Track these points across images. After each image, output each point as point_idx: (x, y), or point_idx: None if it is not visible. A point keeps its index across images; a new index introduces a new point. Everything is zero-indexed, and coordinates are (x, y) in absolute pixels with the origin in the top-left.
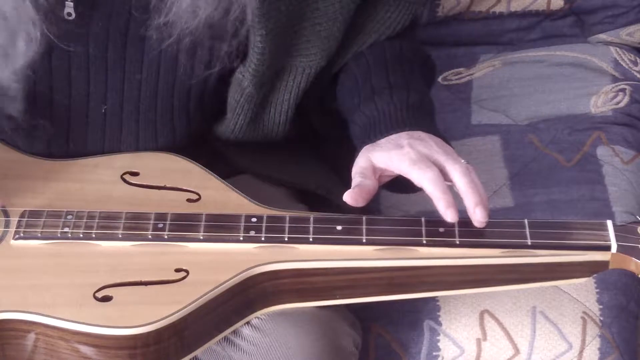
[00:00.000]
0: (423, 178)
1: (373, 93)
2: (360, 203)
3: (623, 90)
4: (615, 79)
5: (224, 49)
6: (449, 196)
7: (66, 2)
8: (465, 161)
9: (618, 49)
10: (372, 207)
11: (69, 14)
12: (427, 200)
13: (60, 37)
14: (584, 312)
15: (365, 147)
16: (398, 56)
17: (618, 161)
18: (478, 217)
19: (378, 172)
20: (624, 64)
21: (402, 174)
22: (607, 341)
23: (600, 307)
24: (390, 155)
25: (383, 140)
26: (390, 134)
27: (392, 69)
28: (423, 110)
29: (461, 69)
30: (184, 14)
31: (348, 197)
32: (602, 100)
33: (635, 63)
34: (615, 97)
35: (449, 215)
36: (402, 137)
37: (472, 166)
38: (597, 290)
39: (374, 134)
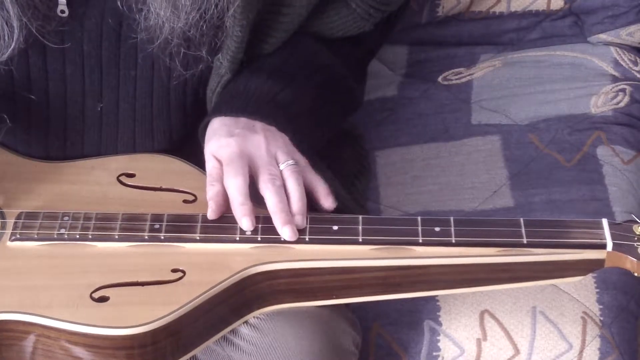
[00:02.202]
0: (229, 181)
1: (255, 70)
2: (221, 212)
3: (623, 90)
4: (615, 79)
5: (207, 47)
6: (246, 206)
7: (59, 0)
8: (292, 162)
9: (618, 49)
10: (371, 207)
11: (62, 11)
12: (428, 200)
13: (55, 34)
14: (584, 312)
15: (207, 137)
16: (307, 56)
17: (618, 161)
18: (284, 237)
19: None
20: (624, 64)
21: None
22: (607, 341)
23: (601, 307)
24: (220, 144)
25: (220, 125)
26: (236, 116)
27: (290, 61)
28: (286, 111)
29: (461, 69)
30: (165, 20)
31: (211, 215)
32: (602, 100)
33: (635, 63)
34: (615, 97)
35: (243, 224)
36: (237, 126)
37: (294, 169)
38: (597, 290)
39: (225, 106)
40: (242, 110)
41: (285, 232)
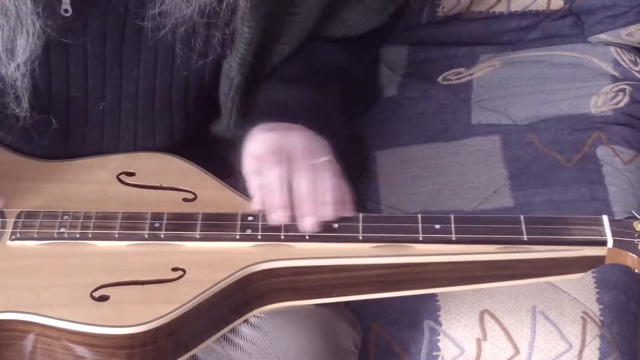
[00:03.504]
0: (265, 174)
1: (285, 79)
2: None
3: (623, 90)
4: (615, 79)
5: (217, 37)
6: (282, 199)
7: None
8: (326, 158)
9: (618, 49)
10: (371, 206)
11: (66, 11)
12: (428, 200)
13: (58, 33)
14: (584, 312)
15: (245, 143)
16: (330, 60)
17: (618, 161)
18: (303, 228)
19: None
20: (624, 64)
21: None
22: (607, 341)
23: (600, 307)
24: (256, 140)
25: (257, 129)
26: (274, 122)
27: (315, 67)
28: (319, 116)
29: (461, 69)
30: (179, 2)
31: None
32: (602, 100)
33: (635, 63)
34: (615, 97)
35: (274, 217)
36: (278, 126)
37: (326, 165)
38: (597, 290)
39: (264, 116)
40: (278, 117)
41: (307, 222)
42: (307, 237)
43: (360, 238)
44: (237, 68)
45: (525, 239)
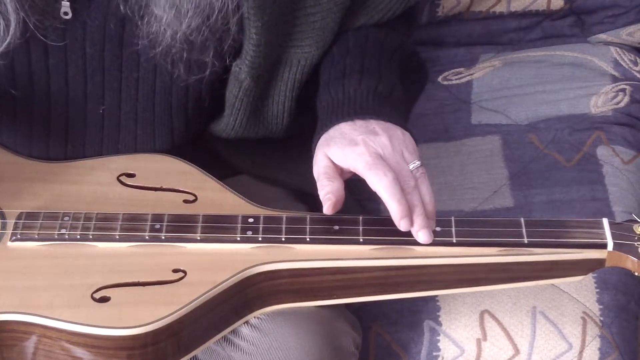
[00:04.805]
0: (378, 185)
1: (343, 74)
2: (338, 208)
3: (623, 90)
4: (615, 79)
5: (212, 51)
6: (404, 206)
7: (62, 2)
8: (419, 163)
9: (618, 49)
10: (370, 207)
11: (66, 14)
12: None
13: (57, 36)
14: (584, 312)
15: (319, 143)
16: (380, 43)
17: (618, 161)
18: (421, 240)
19: (338, 169)
20: (624, 64)
21: (357, 173)
22: (607, 341)
23: (601, 307)
24: (345, 153)
25: (337, 134)
26: (350, 120)
27: (369, 54)
28: (390, 101)
29: (461, 69)
30: (167, 26)
31: (329, 210)
32: (602, 100)
33: (635, 63)
34: (615, 97)
35: (402, 225)
36: (357, 131)
37: (422, 170)
38: (597, 290)
39: (335, 116)
40: (353, 113)
41: (422, 235)
42: (307, 239)
43: (361, 240)
44: (246, 71)
45: (526, 241)
